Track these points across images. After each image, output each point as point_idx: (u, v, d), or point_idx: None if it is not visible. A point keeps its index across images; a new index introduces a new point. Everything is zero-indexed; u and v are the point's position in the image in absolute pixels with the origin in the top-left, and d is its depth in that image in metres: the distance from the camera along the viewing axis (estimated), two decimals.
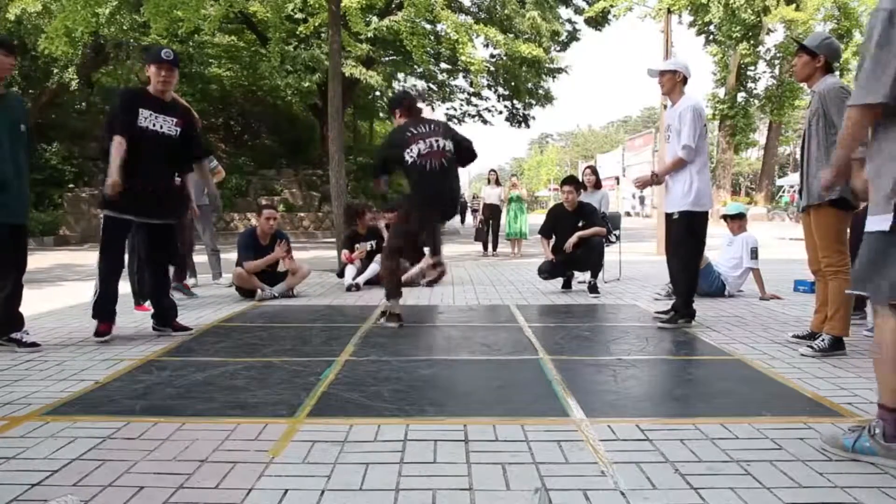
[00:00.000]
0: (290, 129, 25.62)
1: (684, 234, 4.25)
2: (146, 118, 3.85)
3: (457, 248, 13.47)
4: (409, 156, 4.32)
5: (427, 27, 16.48)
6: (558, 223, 6.30)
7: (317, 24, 12.83)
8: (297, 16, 15.83)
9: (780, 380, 3.00)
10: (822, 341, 3.48)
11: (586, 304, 5.45)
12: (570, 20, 22.61)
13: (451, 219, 5.15)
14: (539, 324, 4.54)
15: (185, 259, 6.12)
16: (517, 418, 2.44)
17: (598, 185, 7.40)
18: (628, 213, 36.15)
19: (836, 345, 3.45)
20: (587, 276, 6.15)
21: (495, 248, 11.85)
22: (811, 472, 1.96)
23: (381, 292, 6.11)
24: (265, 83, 20.06)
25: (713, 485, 1.87)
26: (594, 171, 7.53)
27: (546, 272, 6.21)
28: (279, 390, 2.83)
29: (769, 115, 29.20)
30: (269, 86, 19.89)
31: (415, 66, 19.06)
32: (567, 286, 6.41)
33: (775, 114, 28.23)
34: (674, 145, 4.30)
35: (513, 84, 22.22)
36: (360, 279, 6.48)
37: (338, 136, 8.30)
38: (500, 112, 25.29)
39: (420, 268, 6.17)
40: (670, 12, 13.12)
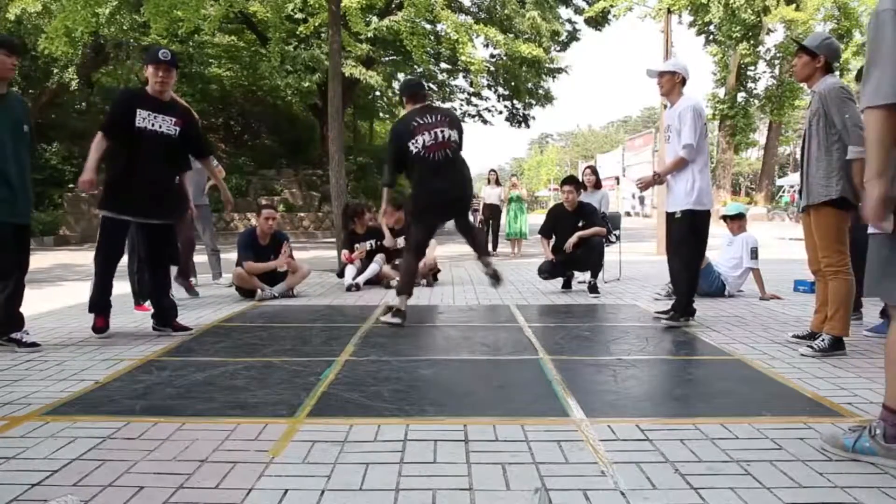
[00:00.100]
0: (290, 129, 25.60)
1: (686, 232, 4.26)
2: (144, 118, 3.85)
3: (457, 248, 13.45)
4: (413, 146, 4.29)
5: (427, 27, 16.48)
6: (558, 223, 6.30)
7: (317, 24, 12.82)
8: (297, 16, 15.82)
9: (780, 380, 3.00)
10: (822, 341, 3.48)
11: (586, 304, 5.45)
12: (569, 20, 22.67)
13: (466, 211, 4.92)
14: (539, 324, 4.54)
15: (188, 259, 6.11)
16: (517, 418, 2.44)
17: (598, 185, 7.40)
18: (628, 213, 36.12)
19: (836, 345, 3.45)
20: (587, 276, 6.15)
21: (495, 248, 11.84)
22: (811, 472, 1.96)
23: (382, 292, 6.16)
24: (265, 83, 20.05)
25: (713, 485, 1.87)
26: (594, 171, 7.53)
27: (546, 272, 6.21)
28: (279, 390, 2.83)
29: (769, 115, 29.19)
30: (269, 86, 19.88)
31: (415, 66, 19.04)
32: (567, 286, 6.41)
33: (775, 114, 28.23)
34: (674, 145, 4.31)
35: (513, 84, 22.23)
36: (360, 279, 6.48)
37: (338, 136, 8.31)
38: (500, 112, 25.32)
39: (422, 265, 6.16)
40: (670, 12, 13.13)
